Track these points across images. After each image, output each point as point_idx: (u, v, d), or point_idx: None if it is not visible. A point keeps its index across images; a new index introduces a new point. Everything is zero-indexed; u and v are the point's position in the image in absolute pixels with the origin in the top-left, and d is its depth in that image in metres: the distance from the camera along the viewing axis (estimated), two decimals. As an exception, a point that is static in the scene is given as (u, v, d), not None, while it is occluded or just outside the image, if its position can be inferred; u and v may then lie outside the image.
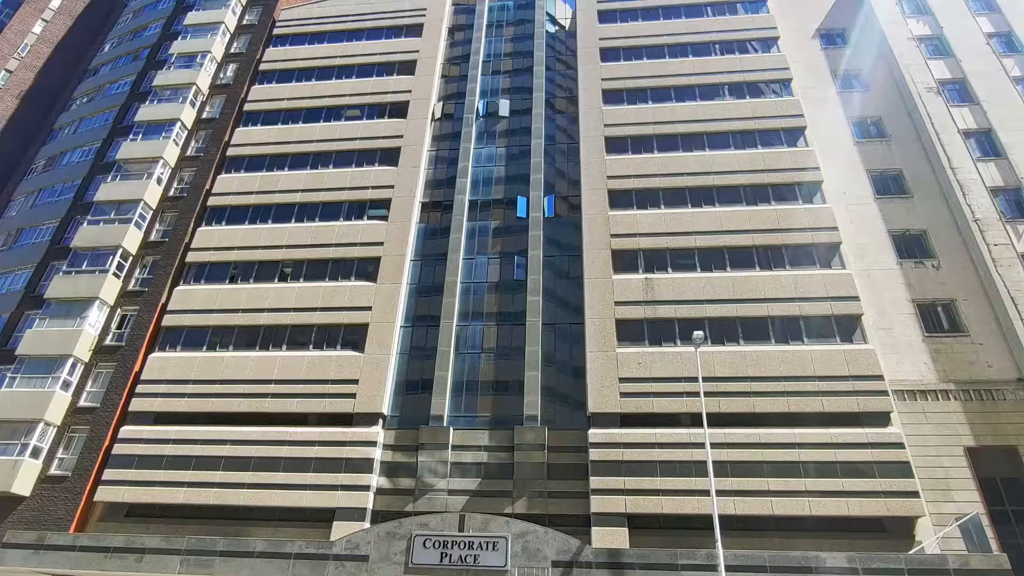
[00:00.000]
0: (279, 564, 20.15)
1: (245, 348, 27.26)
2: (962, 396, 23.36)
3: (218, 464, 24.20)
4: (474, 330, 27.30)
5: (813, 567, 18.09)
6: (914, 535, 20.63)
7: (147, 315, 28.59)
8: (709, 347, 24.35)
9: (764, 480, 21.53)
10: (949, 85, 31.10)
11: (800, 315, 24.89)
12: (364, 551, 19.90)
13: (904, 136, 30.09)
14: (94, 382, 27.11)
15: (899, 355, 24.50)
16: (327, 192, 31.21)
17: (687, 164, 29.41)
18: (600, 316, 25.83)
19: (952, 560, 17.92)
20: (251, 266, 29.62)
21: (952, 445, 22.42)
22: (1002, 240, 26.08)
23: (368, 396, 25.23)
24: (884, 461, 21.36)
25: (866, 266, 26.66)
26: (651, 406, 23.64)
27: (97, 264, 29.37)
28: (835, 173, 29.24)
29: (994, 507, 21.55)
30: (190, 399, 25.99)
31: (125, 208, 31.04)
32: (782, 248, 26.60)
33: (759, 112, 30.63)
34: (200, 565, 20.30)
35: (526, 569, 18.86)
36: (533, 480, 23.27)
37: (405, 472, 24.06)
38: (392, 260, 28.67)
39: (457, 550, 19.46)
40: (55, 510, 23.99)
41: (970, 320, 24.97)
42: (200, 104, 35.71)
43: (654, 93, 32.29)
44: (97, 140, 35.57)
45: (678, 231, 27.53)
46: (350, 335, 27.11)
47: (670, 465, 22.21)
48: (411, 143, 32.32)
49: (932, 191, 28.30)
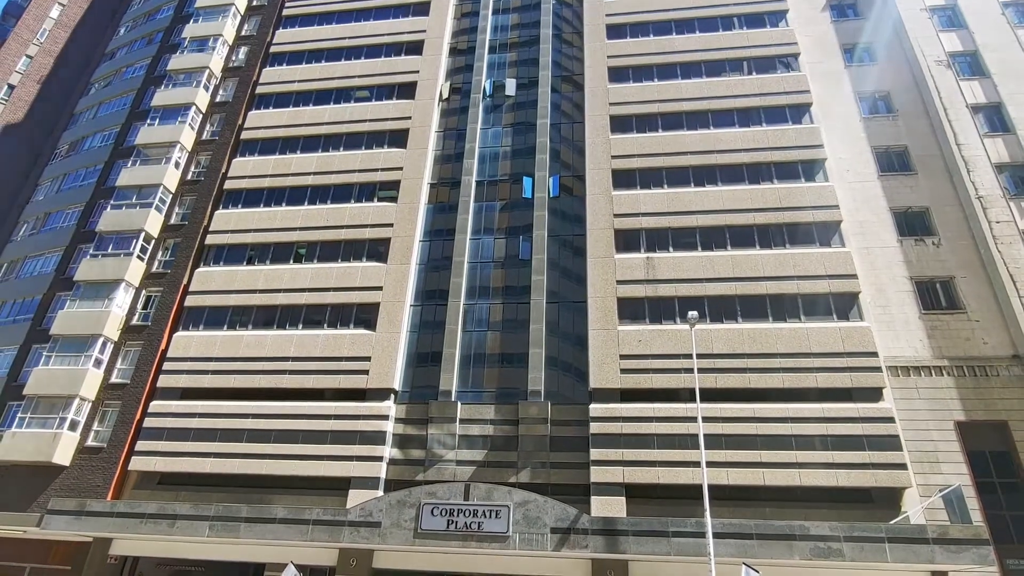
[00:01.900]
0: (299, 529, 21.72)
1: (263, 327, 28.61)
2: (955, 372, 23.89)
3: (241, 436, 25.78)
4: (481, 308, 28.28)
5: (797, 534, 19.10)
6: (900, 506, 21.52)
7: (170, 296, 30.04)
8: (708, 325, 25.08)
9: (757, 452, 22.48)
10: (960, 58, 30.68)
11: (798, 293, 25.42)
12: (377, 518, 21.36)
13: (912, 111, 29.90)
14: (124, 360, 28.76)
15: (895, 332, 25.00)
16: (338, 175, 32.07)
17: (691, 143, 29.65)
18: (602, 295, 26.62)
19: (931, 530, 18.79)
20: (267, 248, 30.79)
21: (943, 420, 23.08)
22: (1005, 217, 26.15)
23: (380, 372, 26.49)
24: (874, 435, 22.15)
25: (866, 244, 26.96)
26: (650, 382, 24.56)
27: (122, 247, 30.77)
28: (841, 150, 29.32)
29: (982, 479, 22.31)
30: (213, 376, 27.50)
31: (146, 193, 32.26)
32: (783, 227, 26.98)
33: (765, 88, 30.59)
34: (227, 530, 21.97)
35: (526, 535, 20.17)
36: (536, 452, 24.49)
37: (416, 444, 25.43)
38: (402, 241, 29.61)
39: (462, 517, 20.81)
40: (93, 479, 25.87)
41: (968, 297, 25.30)
42: (213, 88, 36.53)
43: (660, 70, 32.32)
44: (116, 124, 36.68)
45: (680, 210, 27.99)
46: (362, 314, 28.28)
47: (667, 438, 23.22)
48: (419, 124, 32.89)
49: (937, 168, 28.28)
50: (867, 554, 18.67)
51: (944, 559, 18.48)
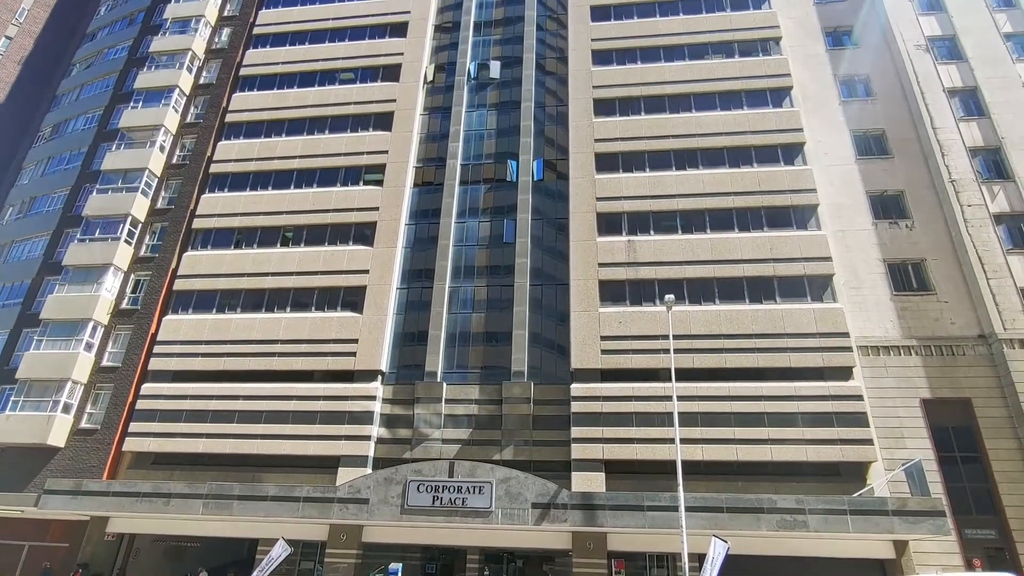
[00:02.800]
0: (290, 506, 22.52)
1: (252, 310, 29.06)
2: (923, 351, 24.80)
3: (233, 417, 26.43)
4: (466, 290, 28.83)
5: (765, 507, 20.07)
6: (866, 479, 22.54)
7: (159, 280, 30.37)
8: (687, 306, 25.77)
9: (731, 429, 23.36)
10: (939, 42, 31.05)
11: (775, 275, 26.11)
12: (365, 495, 22.17)
13: (890, 95, 30.33)
14: (114, 343, 29.19)
15: (867, 313, 25.82)
16: (324, 158, 32.23)
17: (673, 126, 30.01)
18: (584, 277, 27.22)
19: (892, 502, 19.81)
20: (254, 232, 31.07)
21: (909, 397, 24.04)
22: (976, 201, 26.85)
23: (367, 354, 27.09)
24: (843, 412, 23.06)
25: (842, 226, 27.62)
26: (630, 362, 25.32)
27: (109, 232, 30.95)
28: (820, 133, 29.79)
29: (945, 453, 23.36)
30: (204, 358, 28.02)
31: (131, 177, 32.33)
32: (761, 210, 27.55)
33: (747, 72, 30.87)
34: (220, 508, 22.73)
35: (509, 510, 21.05)
36: (519, 430, 25.31)
37: (403, 423, 26.17)
38: (387, 224, 29.97)
39: (447, 494, 21.65)
40: (88, 459, 26.50)
41: (938, 279, 26.09)
42: (197, 70, 36.33)
43: (643, 53, 32.49)
44: (99, 107, 36.50)
45: (661, 194, 28.47)
46: (349, 297, 28.77)
47: (645, 416, 24.05)
48: (404, 107, 32.99)
49: (913, 152, 28.84)
50: (830, 525, 19.69)
51: (903, 529, 19.53)
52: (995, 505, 22.27)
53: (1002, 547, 21.92)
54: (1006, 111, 28.64)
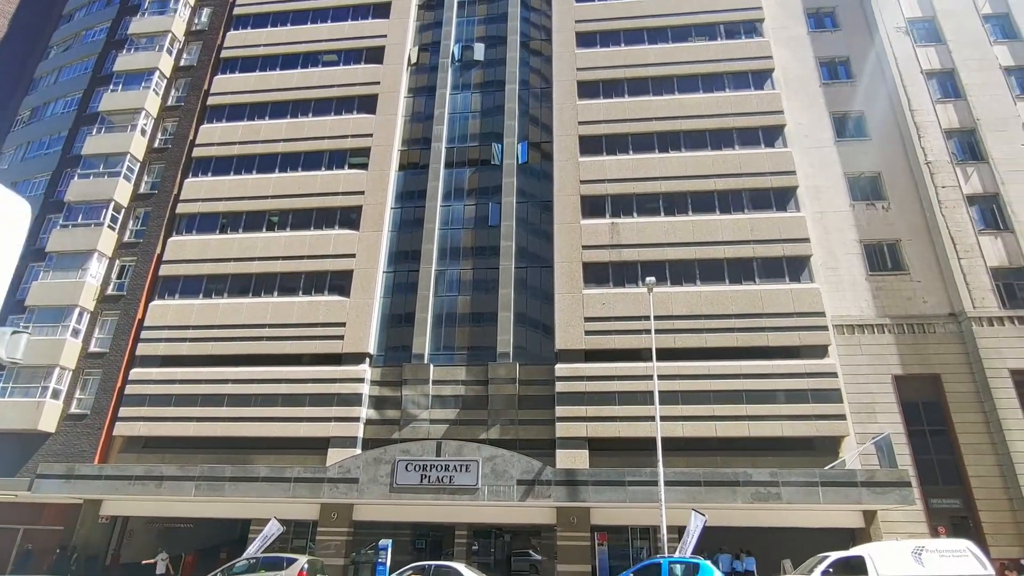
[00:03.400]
0: (282, 487, 23.01)
1: (239, 295, 29.21)
2: (896, 329, 25.58)
3: (222, 401, 26.76)
4: (452, 273, 29.17)
5: (741, 481, 20.87)
6: (839, 452, 23.42)
7: (144, 265, 30.38)
8: (668, 288, 26.31)
9: (710, 407, 24.09)
10: (919, 23, 31.37)
11: (754, 257, 26.67)
12: (355, 474, 22.71)
13: (869, 77, 30.70)
14: (101, 329, 29.28)
15: (843, 292, 26.51)
16: (308, 141, 32.14)
17: (656, 108, 30.22)
18: (568, 259, 27.63)
19: (860, 474, 20.67)
20: (239, 216, 31.07)
21: (881, 374, 24.87)
22: (950, 182, 27.47)
23: (355, 338, 27.44)
24: (818, 389, 23.84)
25: (821, 208, 28.17)
26: (613, 343, 25.89)
27: (92, 217, 30.82)
28: (800, 115, 30.18)
29: (914, 427, 24.28)
30: (192, 343, 28.23)
31: (113, 161, 32.09)
32: (742, 193, 28.00)
33: (729, 54, 31.05)
34: (212, 489, 23.19)
35: (494, 487, 21.70)
36: (505, 410, 25.90)
37: (391, 405, 26.66)
38: (373, 208, 30.10)
39: (435, 472, 22.25)
40: (79, 444, 26.79)
41: (912, 259, 26.80)
42: (177, 51, 35.86)
43: (627, 35, 32.52)
44: (78, 90, 35.99)
45: (645, 176, 28.81)
46: (336, 280, 29.00)
47: (628, 395, 24.70)
48: (388, 90, 32.89)
49: (891, 133, 29.33)
50: (803, 497, 20.54)
51: (871, 500, 20.43)
52: (960, 476, 23.26)
53: (966, 516, 22.96)
54: (982, 92, 29.14)
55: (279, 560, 18.36)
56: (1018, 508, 22.19)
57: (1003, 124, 28.25)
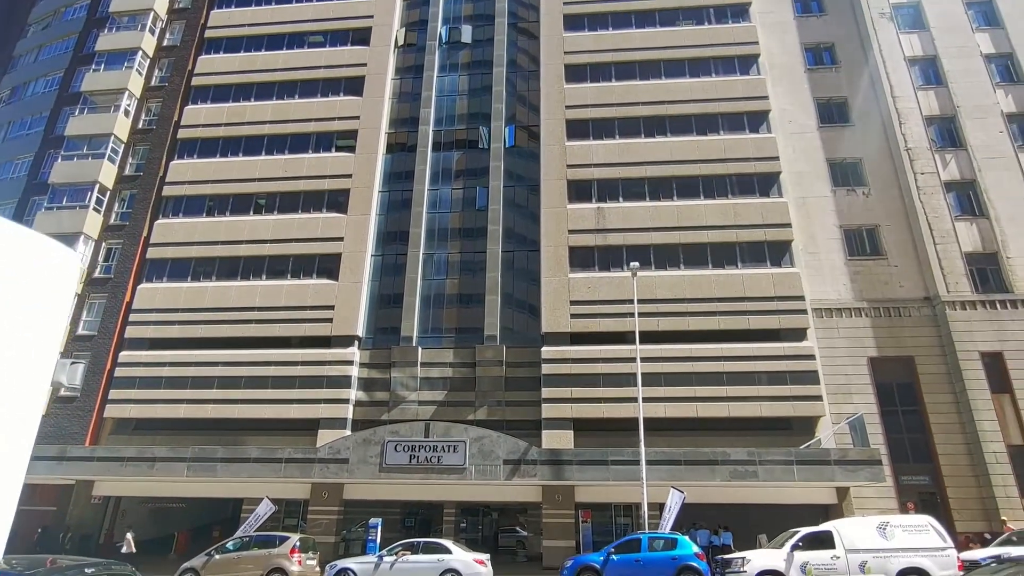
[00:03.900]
0: (273, 467, 23.46)
1: (227, 278, 29.31)
2: (872, 313, 26.30)
3: (212, 383, 27.02)
4: (440, 257, 29.45)
5: (719, 460, 21.61)
6: (816, 432, 24.23)
7: (131, 248, 30.34)
8: (652, 272, 26.78)
9: (692, 388, 24.76)
10: (903, 9, 31.60)
11: (737, 241, 27.17)
12: (344, 455, 23.20)
13: (853, 63, 31.00)
14: (89, 312, 29.33)
15: (822, 276, 27.14)
16: (295, 124, 32.01)
17: (643, 93, 30.38)
18: (555, 244, 27.98)
19: (834, 453, 21.48)
20: (226, 199, 31.02)
21: (857, 356, 25.63)
22: (929, 169, 28.01)
23: (344, 320, 27.74)
24: (796, 371, 24.57)
25: (802, 193, 28.65)
26: (598, 326, 26.41)
27: (77, 199, 30.64)
28: (784, 100, 30.48)
29: (887, 408, 25.13)
30: (181, 326, 28.37)
31: (97, 143, 31.80)
32: (726, 178, 28.39)
33: (716, 39, 31.18)
34: (204, 470, 23.59)
35: (481, 467, 22.29)
36: (492, 391, 26.43)
37: (380, 386, 27.09)
38: (361, 192, 30.18)
39: (423, 452, 22.78)
40: (69, 426, 27.03)
41: (890, 244, 27.43)
42: (160, 31, 35.33)
43: (615, 18, 32.49)
44: (59, 69, 35.46)
45: (631, 161, 29.08)
46: (325, 264, 29.17)
47: (612, 377, 25.26)
48: (375, 72, 32.72)
49: (873, 120, 29.74)
50: (778, 475, 21.33)
51: (843, 477, 21.27)
52: (930, 454, 24.19)
53: (934, 492, 23.95)
54: (963, 79, 29.56)
55: (272, 538, 18.85)
56: (983, 485, 23.17)
57: (982, 111, 28.75)
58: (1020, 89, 29.21)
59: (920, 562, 14.91)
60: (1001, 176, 27.54)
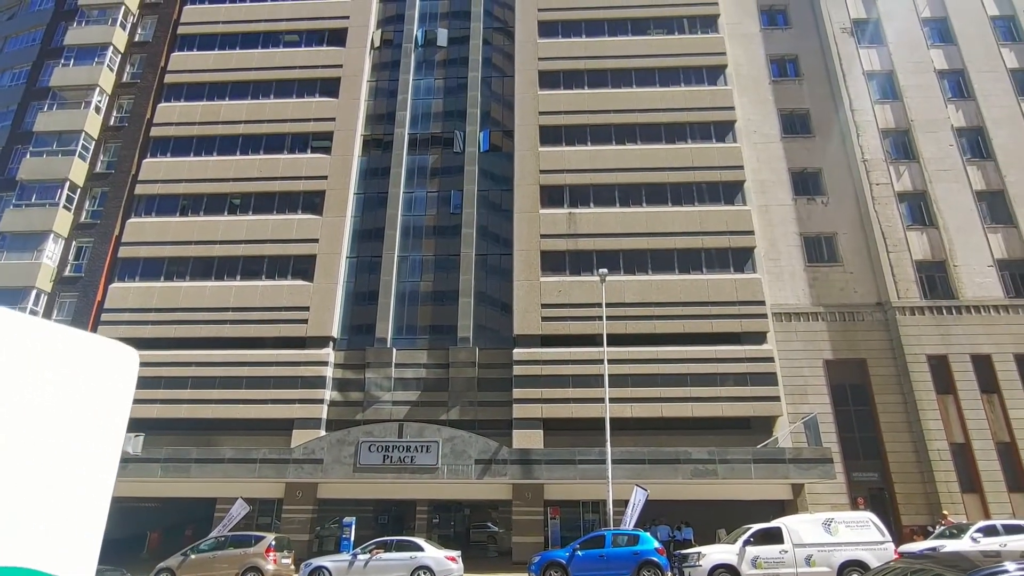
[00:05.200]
0: (247, 467, 23.79)
1: (201, 278, 29.35)
2: (828, 317, 27.60)
3: (186, 383, 27.10)
4: (414, 259, 29.92)
5: (681, 459, 22.64)
6: (773, 431, 25.43)
7: (102, 246, 30.14)
8: (621, 276, 27.66)
9: (658, 389, 25.74)
10: (863, 24, 32.89)
11: (702, 247, 28.21)
12: (319, 455, 23.64)
13: (816, 76, 32.23)
14: (59, 311, 29.12)
15: (783, 282, 28.35)
16: (270, 124, 32.05)
17: (614, 101, 31.17)
18: (527, 248, 28.68)
19: (789, 452, 22.68)
20: (200, 198, 30.98)
21: (814, 358, 26.91)
22: (884, 180, 29.38)
23: (319, 321, 28.06)
24: (756, 372, 25.72)
25: (766, 201, 29.81)
26: (568, 328, 27.22)
27: (46, 197, 30.30)
28: (750, 111, 31.58)
29: (841, 408, 26.48)
30: (153, 326, 28.36)
31: (67, 139, 31.43)
32: (692, 185, 29.39)
33: (686, 49, 32.10)
34: (178, 471, 23.80)
35: (453, 466, 22.96)
36: (465, 392, 27.08)
37: (354, 387, 27.52)
38: (336, 193, 30.43)
39: (397, 452, 23.36)
40: (39, 426, 26.84)
41: (846, 251, 28.76)
42: (131, 26, 34.92)
43: (588, 26, 33.17)
44: (27, 63, 34.83)
45: (602, 167, 29.88)
46: (300, 265, 29.40)
47: (581, 378, 26.10)
48: (351, 73, 32.91)
49: (833, 131, 31.03)
50: (737, 473, 22.45)
51: (797, 475, 22.48)
52: (879, 452, 25.61)
53: (883, 487, 25.39)
54: (917, 94, 30.98)
55: (247, 538, 19.26)
56: (927, 481, 24.65)
57: (934, 125, 30.21)
58: (970, 104, 30.74)
59: (861, 555, 16.06)
60: (950, 187, 29.04)
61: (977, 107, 30.49)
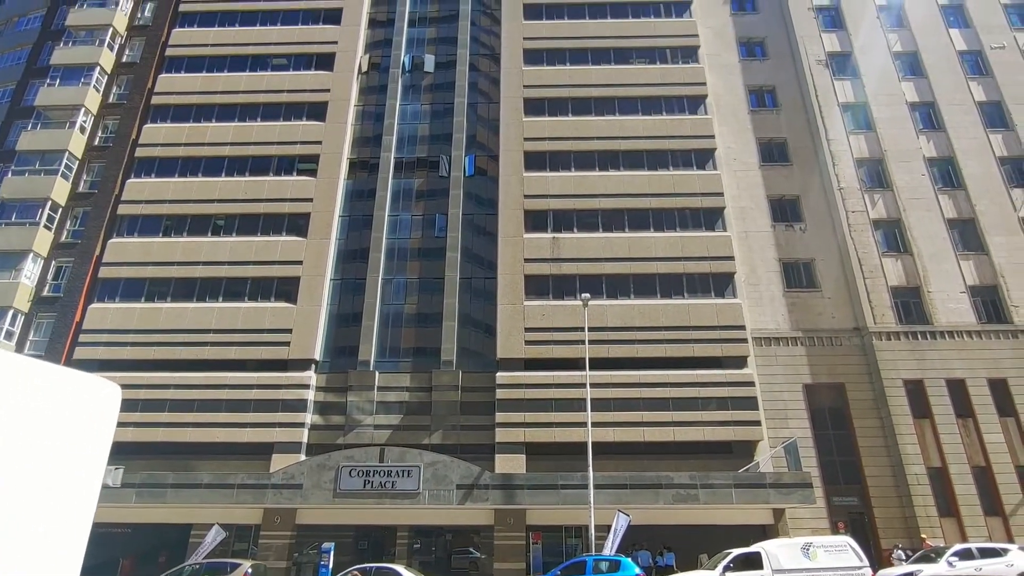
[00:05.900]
0: (225, 493, 23.40)
1: (183, 300, 29.12)
2: (807, 342, 28.03)
3: (164, 406, 26.70)
4: (398, 282, 29.98)
5: (663, 484, 22.69)
6: (754, 455, 25.61)
7: (82, 267, 29.85)
8: (604, 301, 27.93)
9: (640, 413, 25.86)
10: (838, 58, 34.01)
11: (683, 273, 28.62)
12: (299, 480, 23.35)
13: (792, 106, 33.16)
14: (36, 331, 28.69)
15: (762, 307, 28.79)
16: (256, 146, 32.17)
17: (598, 128, 31.79)
18: (511, 272, 28.89)
19: (769, 476, 22.83)
20: (184, 219, 30.88)
21: (793, 383, 27.24)
22: (859, 208, 30.13)
23: (301, 344, 27.90)
24: (736, 397, 25.97)
25: (745, 228, 30.39)
26: (551, 352, 27.34)
27: (27, 216, 30.03)
28: (730, 139, 32.34)
29: (820, 432, 26.75)
30: (132, 347, 28.00)
31: (50, 158, 31.28)
32: (675, 212, 29.91)
33: (667, 79, 32.91)
34: (154, 496, 23.35)
35: (435, 491, 22.79)
36: (448, 415, 26.97)
37: (336, 410, 27.30)
38: (321, 216, 30.51)
39: (378, 478, 23.15)
40: (11, 450, 26.24)
41: (823, 277, 29.33)
42: (119, 47, 35.07)
43: (572, 55, 33.95)
44: (11, 81, 34.76)
45: (585, 193, 30.34)
46: (283, 287, 29.31)
47: (564, 402, 26.15)
48: (338, 98, 33.24)
49: (810, 160, 31.84)
50: (718, 497, 22.53)
51: (777, 499, 22.62)
52: (859, 475, 25.85)
53: (862, 511, 25.59)
54: (890, 126, 31.96)
55: (223, 565, 18.91)
56: (906, 504, 24.89)
57: (907, 156, 31.13)
58: (940, 136, 31.76)
59: (839, 580, 16.18)
60: (923, 216, 29.84)
61: (947, 138, 31.50)
